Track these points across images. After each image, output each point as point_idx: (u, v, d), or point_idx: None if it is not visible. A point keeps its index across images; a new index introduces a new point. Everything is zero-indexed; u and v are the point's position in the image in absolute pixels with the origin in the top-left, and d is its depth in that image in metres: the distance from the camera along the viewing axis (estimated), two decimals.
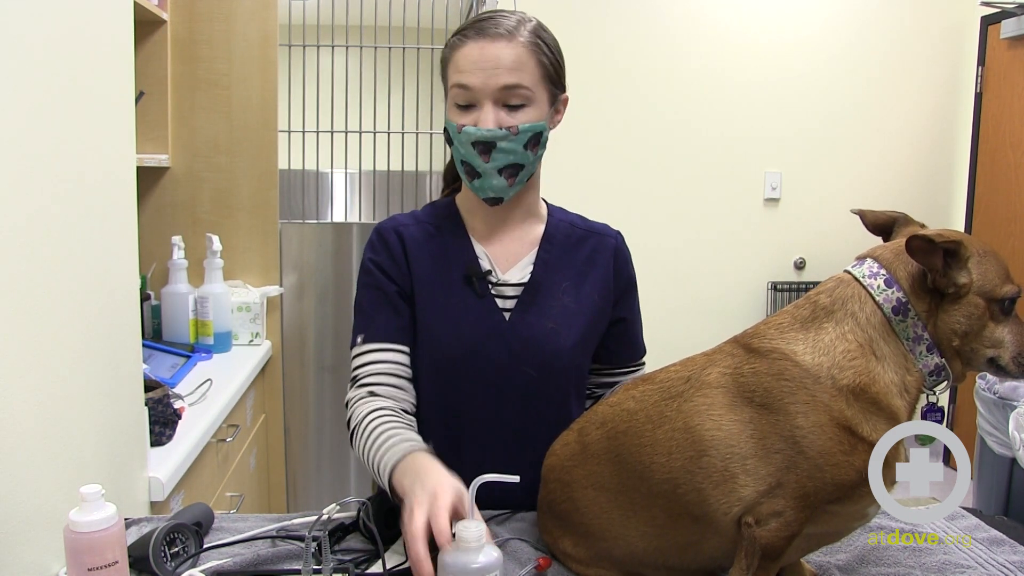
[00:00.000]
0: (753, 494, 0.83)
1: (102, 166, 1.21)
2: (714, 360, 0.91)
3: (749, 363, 0.88)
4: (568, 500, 1.00)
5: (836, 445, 0.82)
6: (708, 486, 0.86)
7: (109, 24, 1.25)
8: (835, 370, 0.84)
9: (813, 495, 0.83)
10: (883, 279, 0.87)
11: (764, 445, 0.84)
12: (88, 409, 1.13)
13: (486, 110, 1.13)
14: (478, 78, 1.12)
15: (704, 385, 0.89)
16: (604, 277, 1.26)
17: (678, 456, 0.88)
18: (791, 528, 0.83)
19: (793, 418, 0.83)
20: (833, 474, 0.82)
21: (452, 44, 1.17)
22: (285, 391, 2.69)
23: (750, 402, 0.86)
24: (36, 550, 0.96)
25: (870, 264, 0.90)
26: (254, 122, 2.46)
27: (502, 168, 1.14)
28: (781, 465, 0.83)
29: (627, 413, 0.95)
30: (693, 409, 0.88)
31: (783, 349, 0.87)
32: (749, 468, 0.84)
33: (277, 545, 1.05)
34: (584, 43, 3.18)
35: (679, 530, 0.90)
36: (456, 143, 1.16)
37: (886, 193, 3.47)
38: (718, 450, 0.85)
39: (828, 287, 0.91)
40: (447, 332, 1.19)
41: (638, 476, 0.92)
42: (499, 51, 1.12)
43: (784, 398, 0.84)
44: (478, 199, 1.21)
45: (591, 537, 0.98)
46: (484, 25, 1.15)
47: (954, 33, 3.44)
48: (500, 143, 1.13)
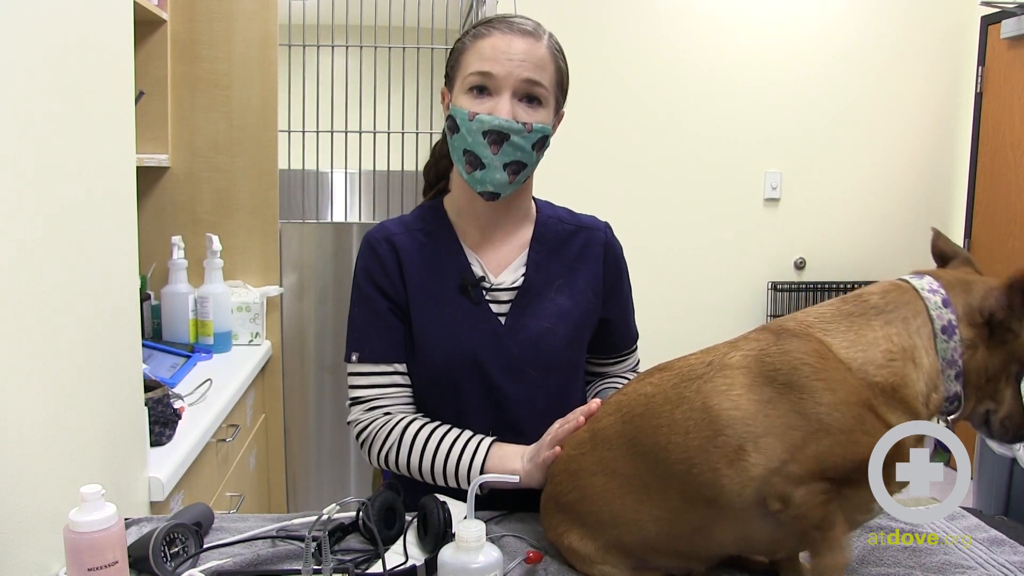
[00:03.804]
0: (763, 472, 0.84)
1: (102, 166, 1.21)
2: (738, 346, 0.93)
3: (777, 344, 0.89)
4: (575, 490, 1.00)
5: (858, 424, 0.84)
6: (723, 465, 0.86)
7: (109, 24, 1.25)
8: (870, 367, 0.86)
9: (831, 467, 0.83)
10: (941, 298, 0.89)
11: (781, 423, 0.84)
12: (88, 409, 1.13)
13: (504, 100, 1.12)
14: (503, 67, 1.12)
15: (725, 367, 0.90)
16: (595, 271, 1.27)
17: (695, 436, 0.88)
18: (818, 496, 0.84)
19: (818, 394, 0.84)
20: (853, 451, 0.83)
21: (474, 34, 1.16)
22: (285, 391, 2.69)
23: (772, 381, 0.86)
24: (36, 550, 0.96)
25: (929, 281, 0.91)
26: (254, 122, 2.46)
27: (508, 163, 1.14)
28: (797, 442, 0.84)
29: (644, 397, 0.96)
30: (712, 389, 0.89)
31: (819, 337, 0.88)
32: (762, 446, 0.84)
33: (277, 545, 1.05)
34: (583, 43, 3.18)
35: (692, 513, 0.91)
36: (463, 131, 1.14)
37: (886, 193, 3.47)
38: (735, 428, 0.86)
39: (881, 289, 0.92)
40: (446, 342, 1.20)
41: (654, 458, 0.92)
42: (527, 46, 1.13)
43: (812, 375, 0.85)
44: (469, 200, 1.21)
45: (601, 526, 0.98)
46: (512, 20, 1.16)
47: (954, 33, 3.44)
48: (513, 137, 1.12)
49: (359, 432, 1.22)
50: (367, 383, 1.22)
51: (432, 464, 1.16)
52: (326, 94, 2.73)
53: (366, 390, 1.22)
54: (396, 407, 1.23)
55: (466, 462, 1.14)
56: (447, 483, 1.16)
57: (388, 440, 1.19)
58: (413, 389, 1.25)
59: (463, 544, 0.84)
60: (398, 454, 1.18)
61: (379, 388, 1.22)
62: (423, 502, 1.03)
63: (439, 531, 0.99)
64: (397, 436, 1.18)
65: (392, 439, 1.18)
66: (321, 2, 2.76)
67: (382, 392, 1.22)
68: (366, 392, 1.22)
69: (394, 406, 1.23)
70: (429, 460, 1.16)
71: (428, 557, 0.98)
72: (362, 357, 1.22)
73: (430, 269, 1.22)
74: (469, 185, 1.17)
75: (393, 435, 1.18)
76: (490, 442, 1.16)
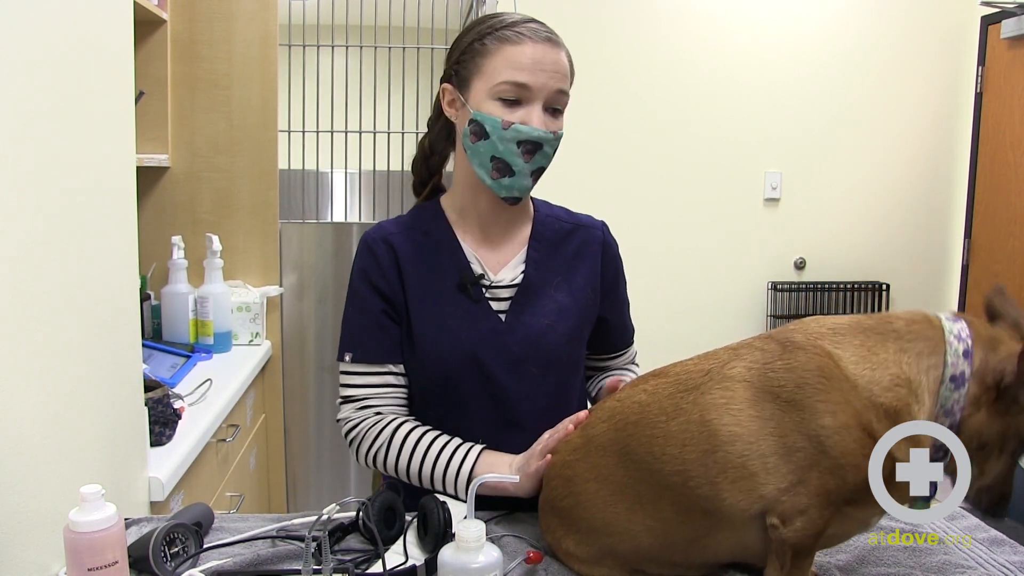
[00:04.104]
0: (775, 491, 0.83)
1: (102, 166, 1.21)
2: (740, 354, 0.90)
3: (783, 358, 0.87)
4: (570, 495, 1.00)
5: (859, 448, 0.82)
6: (723, 481, 0.85)
7: (109, 24, 1.25)
8: (876, 387, 0.84)
9: (835, 492, 0.83)
10: (964, 348, 0.86)
11: (786, 443, 0.83)
12: (88, 409, 1.13)
13: (536, 110, 1.14)
14: (539, 79, 1.13)
15: (725, 379, 0.88)
16: (593, 269, 1.28)
17: (692, 449, 0.87)
18: (816, 526, 0.83)
19: (820, 416, 0.83)
20: (854, 475, 0.82)
21: (500, 38, 1.14)
22: (285, 391, 2.69)
23: (775, 398, 0.85)
24: (36, 550, 0.96)
25: (962, 328, 0.87)
26: (254, 122, 2.46)
27: (535, 170, 1.17)
28: (803, 463, 0.83)
29: (638, 405, 0.95)
30: (711, 403, 0.88)
31: (828, 349, 0.86)
32: (770, 466, 0.84)
33: (277, 545, 1.05)
34: (583, 43, 3.17)
35: (687, 525, 0.90)
36: (494, 138, 1.14)
37: (886, 193, 3.46)
38: (735, 446, 0.85)
39: (909, 317, 0.89)
40: (446, 341, 1.20)
41: (647, 468, 0.92)
42: (557, 56, 1.15)
43: (815, 395, 0.83)
44: (474, 200, 1.22)
45: (594, 533, 0.97)
46: (537, 29, 1.15)
47: (954, 33, 3.43)
48: (545, 146, 1.15)
49: (348, 430, 1.22)
50: (359, 383, 1.23)
51: (420, 468, 1.16)
52: (326, 94, 2.73)
53: (358, 389, 1.22)
54: (388, 407, 1.23)
55: (454, 468, 1.15)
56: (434, 488, 1.16)
57: (378, 440, 1.19)
58: (413, 389, 1.25)
59: (463, 544, 0.84)
60: (387, 455, 1.18)
61: (371, 388, 1.22)
62: (423, 502, 1.03)
63: (439, 531, 0.99)
64: (387, 437, 1.18)
65: (382, 439, 1.18)
66: (321, 2, 2.76)
67: (374, 392, 1.22)
68: (358, 392, 1.22)
69: (386, 406, 1.23)
70: (418, 464, 1.16)
71: (428, 557, 0.98)
72: (355, 357, 1.22)
73: (429, 268, 1.22)
74: (492, 190, 1.17)
75: (383, 436, 1.19)
76: (479, 450, 1.16)
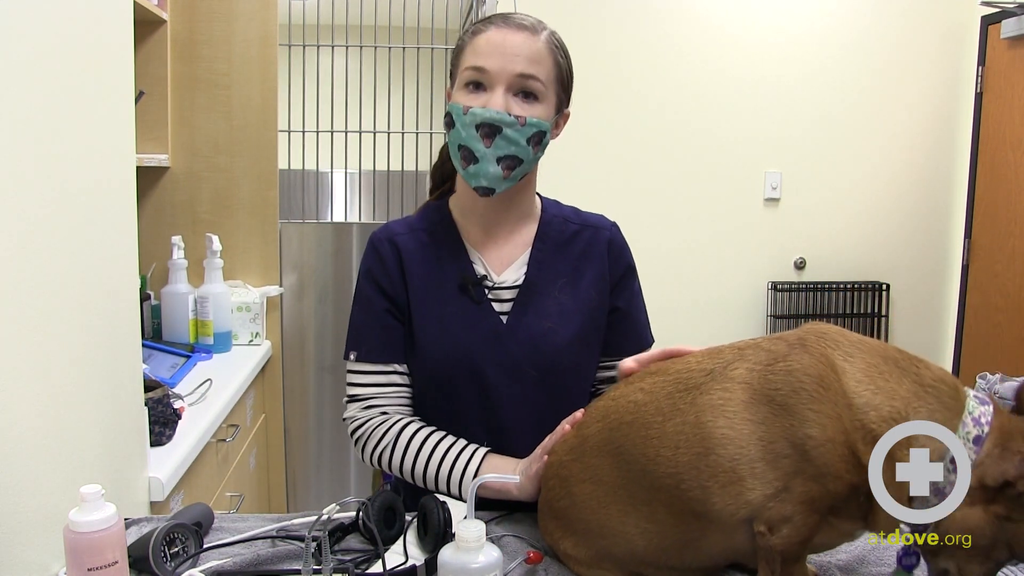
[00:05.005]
0: (761, 498, 0.83)
1: (102, 166, 1.21)
2: (745, 355, 0.89)
3: (786, 360, 0.85)
4: (566, 496, 0.99)
5: (842, 463, 0.81)
6: (714, 485, 0.85)
7: (109, 24, 1.25)
8: (872, 412, 0.81)
9: (819, 501, 0.83)
10: (976, 434, 0.81)
11: (773, 449, 0.83)
12: (88, 409, 1.13)
13: (497, 94, 1.12)
14: (496, 62, 1.12)
15: (727, 379, 0.87)
16: (599, 271, 1.26)
17: (685, 451, 0.87)
18: (802, 533, 0.83)
19: (808, 426, 0.82)
20: (835, 485, 0.82)
21: (473, 31, 1.17)
22: (285, 391, 2.69)
23: (770, 401, 0.84)
24: (36, 550, 0.96)
25: (985, 412, 0.82)
26: (254, 122, 2.46)
27: (501, 157, 1.13)
28: (788, 470, 0.82)
29: (633, 405, 0.94)
30: (708, 403, 0.86)
31: (833, 360, 0.84)
32: (758, 472, 0.83)
33: (277, 545, 1.05)
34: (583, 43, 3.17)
35: (680, 527, 0.90)
36: (458, 125, 1.14)
37: (886, 193, 3.46)
38: (727, 449, 0.84)
39: (941, 377, 0.84)
40: (446, 342, 1.20)
41: (640, 470, 0.91)
42: (521, 40, 1.14)
43: (808, 403, 0.82)
44: (472, 199, 1.21)
45: (590, 535, 0.97)
46: (508, 16, 1.17)
47: (954, 33, 3.43)
48: (506, 130, 1.12)
49: (354, 429, 1.22)
50: (365, 382, 1.23)
51: (425, 469, 1.16)
52: (326, 94, 2.73)
53: (363, 388, 1.23)
54: (393, 407, 1.23)
55: (459, 470, 1.15)
56: (438, 488, 1.16)
57: (383, 440, 1.19)
58: (412, 389, 1.25)
59: (463, 544, 0.84)
60: (392, 455, 1.18)
61: (376, 387, 1.23)
62: (423, 502, 1.03)
63: (439, 531, 0.99)
64: (392, 437, 1.18)
65: (387, 439, 1.19)
66: (321, 2, 2.76)
67: (379, 391, 1.23)
68: (363, 391, 1.23)
69: (391, 406, 1.23)
70: (423, 465, 1.16)
71: (428, 557, 0.98)
72: (360, 356, 1.23)
73: (432, 268, 1.22)
74: (465, 181, 1.17)
75: (388, 436, 1.19)
76: (484, 452, 1.16)
